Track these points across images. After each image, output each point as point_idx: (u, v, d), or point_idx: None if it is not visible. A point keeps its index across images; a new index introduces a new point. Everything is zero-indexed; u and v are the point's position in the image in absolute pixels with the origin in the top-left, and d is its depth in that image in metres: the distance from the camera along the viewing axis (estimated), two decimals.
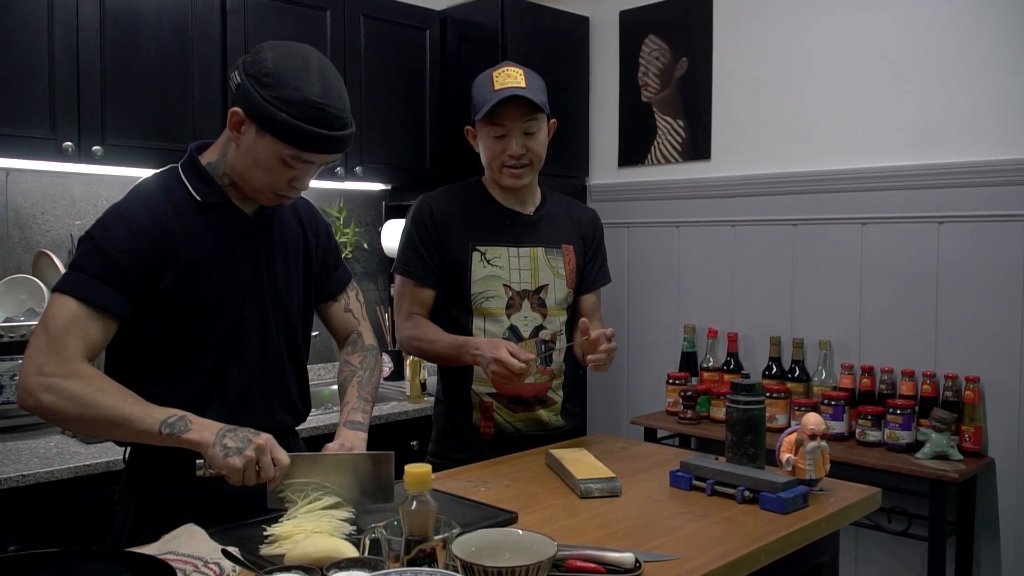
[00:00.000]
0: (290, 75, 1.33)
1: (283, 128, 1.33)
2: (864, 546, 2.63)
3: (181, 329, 1.42)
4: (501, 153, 1.87)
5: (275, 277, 1.52)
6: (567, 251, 1.99)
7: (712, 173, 2.97)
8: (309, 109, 1.33)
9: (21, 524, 1.91)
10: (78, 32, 2.25)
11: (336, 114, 1.36)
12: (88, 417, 1.31)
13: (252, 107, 1.35)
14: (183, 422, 1.32)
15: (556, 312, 1.96)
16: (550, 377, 1.97)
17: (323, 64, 1.38)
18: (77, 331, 1.33)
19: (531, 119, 1.86)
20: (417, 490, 1.07)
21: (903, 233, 2.53)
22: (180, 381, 1.43)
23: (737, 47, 2.89)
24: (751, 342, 2.87)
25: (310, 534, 1.25)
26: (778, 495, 1.50)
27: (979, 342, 2.39)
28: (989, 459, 2.36)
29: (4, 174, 2.45)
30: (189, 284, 1.41)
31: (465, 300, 1.91)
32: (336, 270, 1.69)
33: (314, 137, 1.34)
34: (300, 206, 1.63)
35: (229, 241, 1.47)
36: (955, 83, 2.42)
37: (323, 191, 3.16)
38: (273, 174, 1.40)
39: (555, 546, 1.11)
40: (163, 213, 1.41)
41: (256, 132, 1.36)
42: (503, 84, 1.83)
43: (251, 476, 1.29)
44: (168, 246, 1.40)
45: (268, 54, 1.36)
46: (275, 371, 1.53)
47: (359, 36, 2.88)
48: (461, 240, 1.91)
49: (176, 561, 1.20)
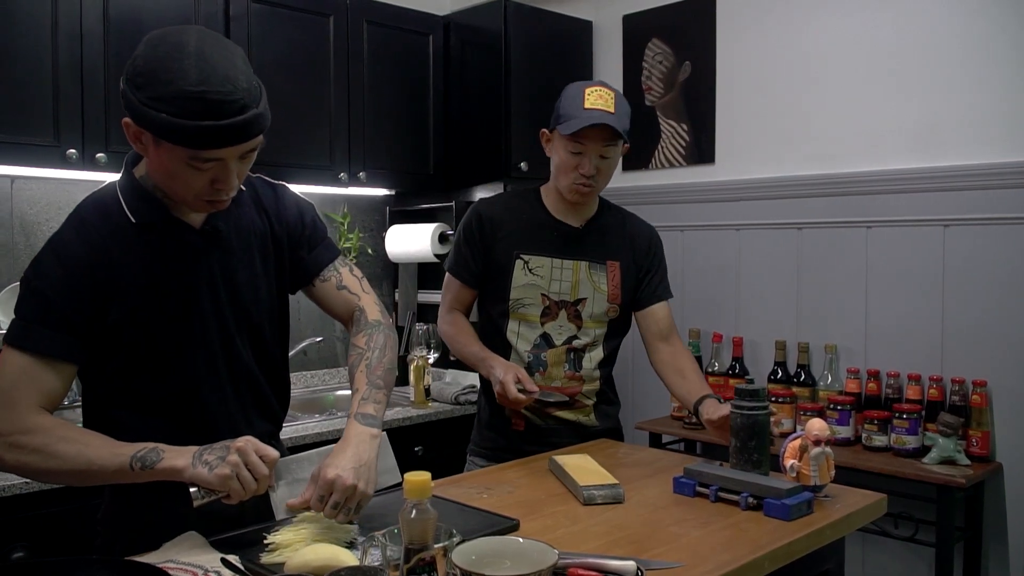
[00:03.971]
0: (161, 68, 1.17)
1: (167, 129, 1.17)
2: (871, 552, 2.61)
3: (145, 359, 1.36)
4: (574, 169, 1.90)
5: (235, 289, 1.42)
6: (612, 267, 2.01)
7: (716, 177, 2.96)
8: (186, 101, 1.16)
9: (27, 531, 1.92)
10: (82, 40, 2.26)
11: (221, 99, 1.17)
12: (56, 469, 1.26)
13: (135, 114, 1.21)
14: (155, 453, 1.26)
15: (592, 325, 2.00)
16: (579, 383, 2.00)
17: (203, 44, 1.19)
18: (28, 383, 1.27)
19: (610, 145, 1.89)
20: (416, 498, 1.07)
21: (909, 236, 2.51)
22: (154, 409, 1.38)
23: (740, 50, 2.89)
24: (756, 346, 2.86)
25: (311, 542, 1.25)
26: (782, 502, 1.48)
27: (986, 346, 2.37)
28: (997, 464, 2.34)
29: (9, 181, 2.47)
30: (140, 313, 1.33)
31: (503, 303, 1.98)
32: (314, 249, 1.55)
33: (202, 131, 1.17)
34: (264, 194, 1.50)
35: (176, 262, 1.36)
36: (960, 85, 2.41)
37: (327, 196, 3.17)
38: (187, 180, 1.25)
39: (555, 554, 1.10)
40: (99, 241, 1.31)
41: (152, 140, 1.22)
42: (594, 105, 1.86)
43: (247, 479, 1.24)
44: (108, 277, 1.30)
45: (141, 50, 1.21)
46: (247, 384, 1.47)
47: (362, 42, 2.89)
48: (507, 247, 1.98)
49: (176, 569, 1.21)
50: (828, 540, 1.50)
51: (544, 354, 1.97)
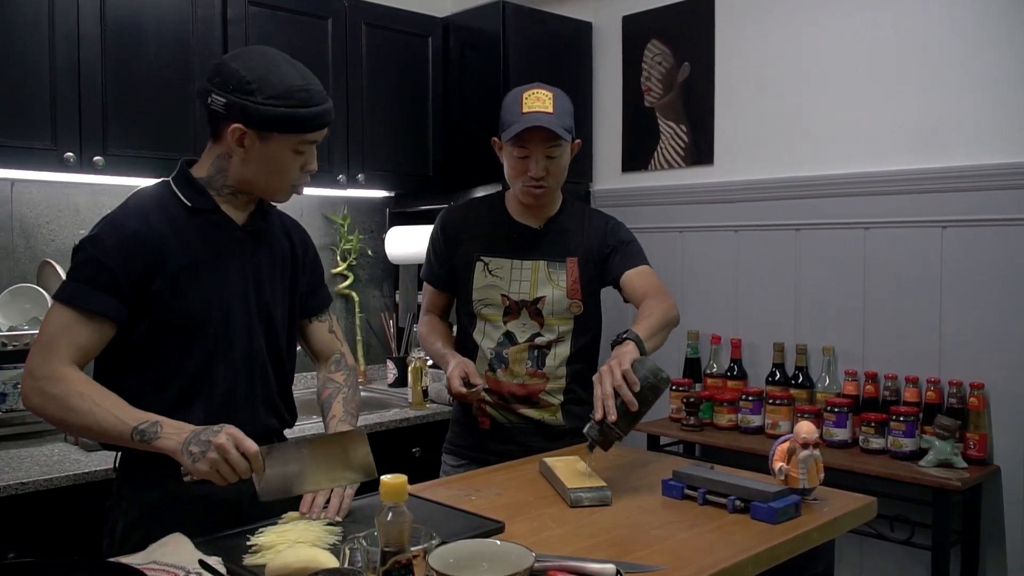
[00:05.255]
0: (268, 75, 1.43)
1: (286, 121, 1.43)
2: (868, 555, 2.59)
3: (170, 330, 1.47)
4: (523, 173, 1.93)
5: (261, 283, 1.57)
6: (570, 263, 2.02)
7: (715, 178, 2.95)
8: (298, 94, 1.44)
9: (21, 532, 1.93)
10: (79, 43, 2.27)
11: (318, 90, 1.48)
12: (68, 421, 1.38)
13: (252, 116, 1.43)
14: (154, 428, 1.34)
15: (555, 322, 2.00)
16: (543, 380, 2.00)
17: (283, 55, 1.50)
18: (67, 336, 1.39)
19: (554, 144, 1.91)
20: (392, 501, 1.07)
21: (906, 238, 2.50)
22: (167, 381, 1.47)
23: (739, 51, 2.88)
24: (755, 348, 2.85)
25: (293, 544, 1.26)
26: (768, 505, 1.48)
27: (984, 348, 2.36)
28: (995, 467, 2.33)
29: (9, 184, 2.49)
30: (179, 287, 1.46)
31: (468, 306, 2.04)
32: (321, 288, 1.75)
33: (312, 116, 1.45)
34: (291, 225, 1.70)
35: (218, 247, 1.52)
36: (958, 86, 2.40)
37: (327, 198, 3.18)
38: (289, 168, 1.49)
39: (532, 557, 1.11)
40: (154, 220, 1.47)
41: (259, 138, 1.45)
42: (531, 108, 1.88)
43: (228, 474, 1.29)
44: (158, 251, 1.45)
45: (236, 65, 1.45)
46: (259, 374, 1.57)
47: (360, 44, 2.89)
48: (469, 251, 2.03)
49: (159, 570, 1.21)
50: (815, 543, 1.50)
51: (506, 351, 1.99)
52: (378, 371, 3.30)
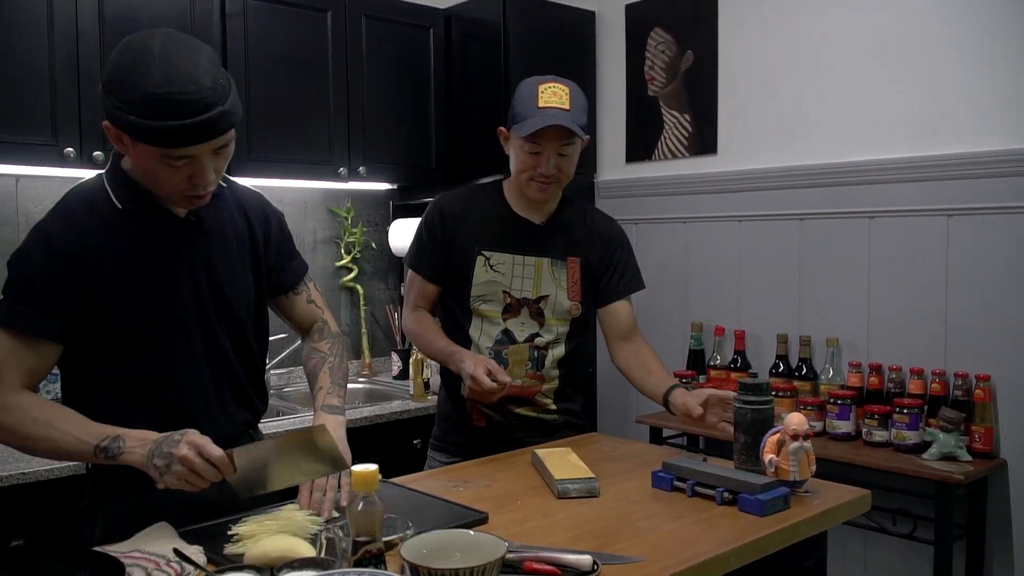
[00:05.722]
0: (127, 74, 1.23)
1: (138, 131, 1.23)
2: (872, 549, 2.57)
3: (122, 345, 1.39)
4: (533, 168, 1.86)
5: (215, 277, 1.47)
6: (572, 263, 1.98)
7: (719, 168, 2.92)
8: (152, 103, 1.21)
9: (24, 521, 1.95)
10: (78, 39, 2.28)
11: (185, 99, 1.21)
12: (29, 448, 1.35)
13: (111, 118, 1.27)
14: (116, 443, 1.30)
15: (555, 322, 1.97)
16: (539, 382, 1.97)
17: (168, 46, 1.24)
18: (12, 362, 1.33)
19: (569, 142, 1.85)
20: (363, 491, 1.07)
21: (911, 227, 2.46)
22: (130, 396, 1.41)
23: (742, 39, 2.85)
24: (758, 340, 2.83)
25: (273, 533, 1.26)
26: (756, 497, 1.46)
27: (990, 339, 2.32)
28: (1001, 460, 2.29)
29: (14, 180, 2.51)
30: (122, 297, 1.37)
31: (465, 300, 1.95)
32: (291, 261, 1.65)
33: (170, 131, 1.22)
34: (248, 201, 1.57)
35: (159, 247, 1.41)
36: (963, 72, 2.35)
37: (331, 191, 3.18)
38: (165, 177, 1.31)
39: (505, 547, 1.10)
40: (84, 227, 1.36)
41: (130, 141, 1.28)
42: (548, 103, 1.81)
43: (197, 482, 1.26)
44: (91, 261, 1.35)
45: (112, 56, 1.28)
46: (225, 373, 1.50)
47: (361, 37, 2.89)
48: (469, 243, 1.94)
49: (140, 559, 1.22)
50: (804, 536, 1.48)
51: (505, 352, 1.93)
52: (383, 363, 3.30)
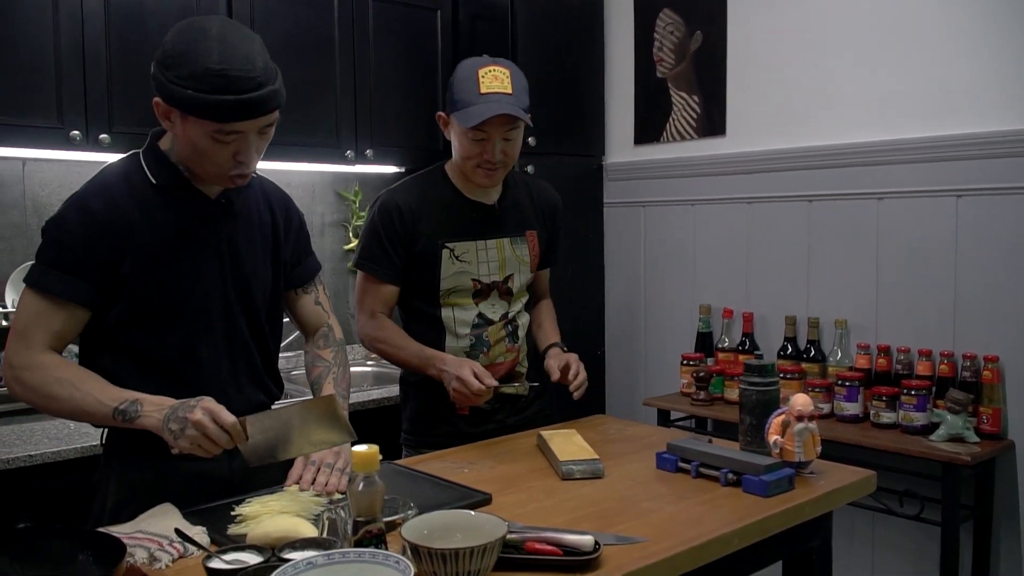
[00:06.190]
0: (188, 50, 1.30)
1: (194, 104, 1.30)
2: (881, 530, 2.56)
3: (146, 313, 1.43)
4: (479, 156, 1.83)
5: (238, 259, 1.52)
6: (531, 237, 2.01)
7: (727, 149, 2.90)
8: (211, 78, 1.28)
9: (31, 504, 1.98)
10: (83, 22, 2.28)
11: (240, 76, 1.30)
12: (51, 408, 1.38)
13: (165, 93, 1.33)
14: (135, 407, 1.33)
15: (519, 297, 2.01)
16: (516, 354, 2.00)
17: (225, 29, 1.33)
18: (41, 323, 1.38)
19: (514, 127, 1.83)
20: (364, 471, 1.07)
21: (920, 207, 2.43)
22: (152, 363, 1.45)
23: (751, 20, 2.81)
24: (767, 322, 2.81)
25: (276, 514, 1.27)
26: (760, 478, 1.46)
27: (999, 320, 2.29)
28: (1009, 442, 2.27)
29: (21, 163, 2.52)
30: (149, 268, 1.42)
31: (434, 294, 1.91)
32: (306, 258, 1.69)
33: (225, 105, 1.29)
34: (273, 194, 1.63)
35: (188, 224, 1.46)
36: (973, 52, 2.32)
37: (339, 174, 3.18)
38: (211, 154, 1.37)
39: (505, 527, 1.10)
40: (119, 199, 1.42)
41: (180, 117, 1.35)
42: (490, 88, 1.78)
43: (210, 448, 1.29)
44: (124, 232, 1.40)
45: (169, 36, 1.35)
46: (241, 353, 1.54)
47: (367, 19, 2.87)
48: (431, 237, 1.89)
49: (144, 539, 1.23)
50: (808, 517, 1.48)
51: (485, 333, 1.92)
52: None
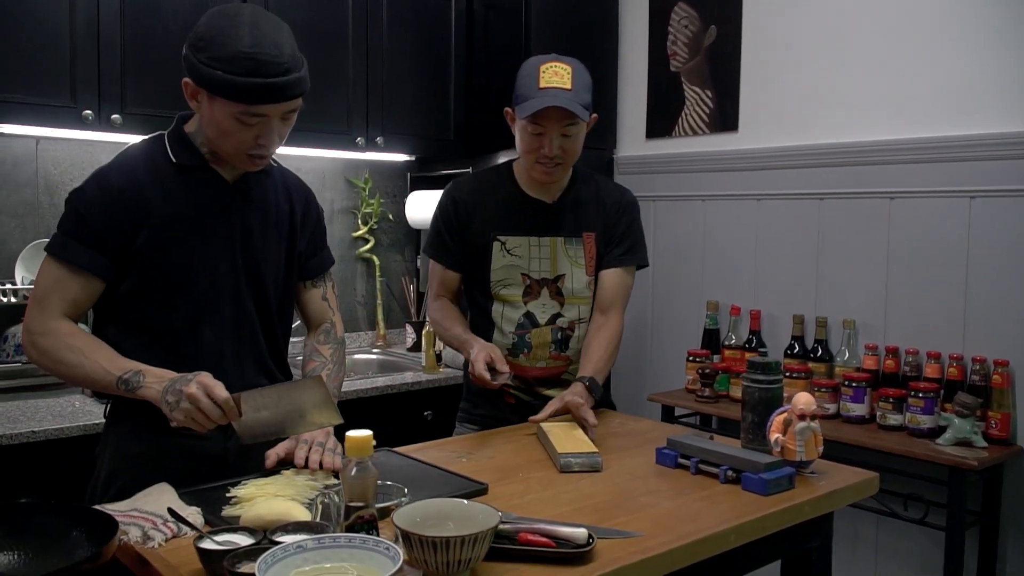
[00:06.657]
0: (219, 33, 1.36)
1: (223, 86, 1.35)
2: (885, 533, 2.54)
3: (153, 287, 1.47)
4: (537, 150, 1.85)
5: (250, 245, 1.55)
6: (587, 239, 1.97)
7: (739, 145, 2.87)
8: (242, 61, 1.33)
9: (32, 480, 1.99)
10: (98, 3, 2.28)
11: (270, 60, 1.35)
12: (61, 372, 1.43)
13: (195, 74, 1.38)
14: (137, 377, 1.38)
15: (575, 300, 1.97)
16: (565, 363, 1.97)
17: (257, 16, 1.39)
18: (58, 291, 1.43)
19: (571, 123, 1.83)
20: (357, 456, 1.07)
21: (932, 208, 2.40)
22: (156, 338, 1.48)
23: (767, 15, 2.78)
24: (774, 320, 2.79)
25: (270, 497, 1.27)
26: (759, 476, 1.45)
27: (1011, 324, 2.26)
28: (1017, 447, 2.24)
29: (34, 142, 2.53)
30: (161, 243, 1.46)
31: (485, 286, 1.96)
32: (320, 251, 1.72)
33: (253, 88, 1.34)
34: (294, 185, 1.66)
35: (204, 204, 1.50)
36: (988, 51, 2.28)
37: (350, 161, 3.18)
38: (235, 135, 1.42)
39: (498, 517, 1.10)
40: (139, 175, 1.46)
41: (208, 98, 1.39)
42: (549, 83, 1.79)
43: (203, 421, 1.31)
44: (141, 206, 1.45)
45: (202, 20, 1.40)
46: (247, 337, 1.57)
47: (381, 7, 2.86)
48: (483, 229, 1.94)
49: (139, 518, 1.24)
50: (808, 516, 1.46)
51: (528, 335, 1.94)
52: (398, 335, 3.31)
